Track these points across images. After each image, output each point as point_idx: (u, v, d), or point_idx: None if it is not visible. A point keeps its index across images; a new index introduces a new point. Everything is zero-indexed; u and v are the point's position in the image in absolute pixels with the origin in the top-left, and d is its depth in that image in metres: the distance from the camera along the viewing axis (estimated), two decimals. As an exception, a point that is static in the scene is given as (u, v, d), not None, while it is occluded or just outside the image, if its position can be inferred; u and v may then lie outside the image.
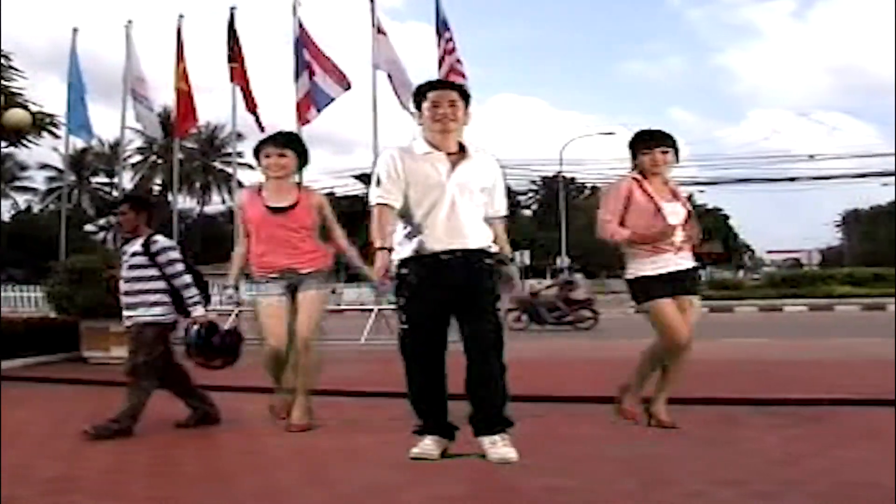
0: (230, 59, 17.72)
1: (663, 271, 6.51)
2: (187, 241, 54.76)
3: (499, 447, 5.50)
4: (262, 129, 17.93)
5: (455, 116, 5.68)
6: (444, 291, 5.54)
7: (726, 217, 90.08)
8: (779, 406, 7.49)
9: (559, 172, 64.36)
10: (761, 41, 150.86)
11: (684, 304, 6.51)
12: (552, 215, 66.43)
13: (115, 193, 59.45)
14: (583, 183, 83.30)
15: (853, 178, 72.79)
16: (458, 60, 16.23)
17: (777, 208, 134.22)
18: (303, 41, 17.22)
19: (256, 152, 7.10)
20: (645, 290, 6.53)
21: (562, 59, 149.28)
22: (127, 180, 69.64)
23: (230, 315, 8.63)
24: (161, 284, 7.07)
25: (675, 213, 6.57)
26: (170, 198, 60.19)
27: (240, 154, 64.69)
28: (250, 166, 66.25)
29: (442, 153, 5.66)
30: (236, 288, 7.17)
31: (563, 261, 56.72)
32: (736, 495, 4.76)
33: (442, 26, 16.40)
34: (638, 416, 6.66)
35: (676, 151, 6.70)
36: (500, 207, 5.88)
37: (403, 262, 5.61)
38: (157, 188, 75.81)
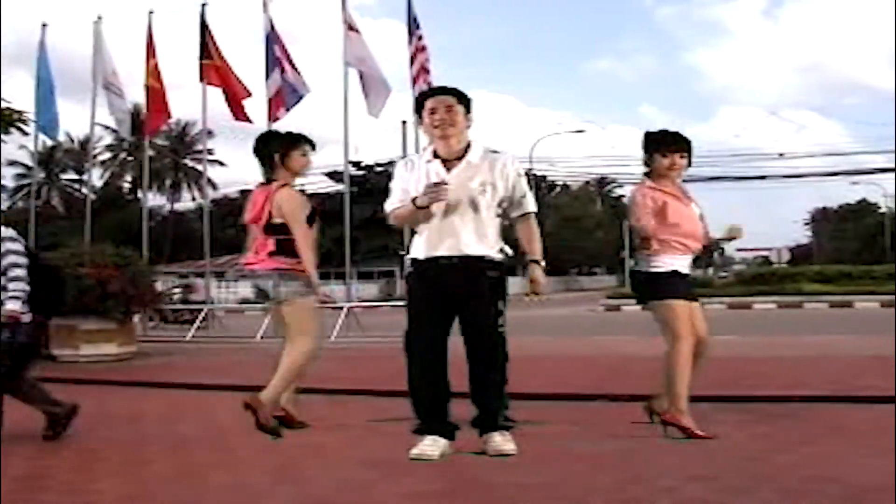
0: (202, 56, 17.67)
1: (676, 270, 6.42)
2: (158, 238, 54.61)
3: (496, 441, 5.56)
4: (249, 121, 17.92)
5: (453, 121, 5.68)
6: (441, 295, 5.57)
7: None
8: (748, 403, 7.54)
9: (530, 170, 64.47)
10: (731, 39, 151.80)
11: (697, 306, 6.53)
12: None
13: (84, 190, 59.12)
14: (553, 181, 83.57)
15: (822, 176, 73.43)
16: (428, 59, 16.25)
17: (747, 206, 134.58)
18: (273, 38, 17.21)
19: (287, 149, 6.82)
20: (663, 286, 6.37)
21: (532, 57, 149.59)
22: (96, 177, 69.37)
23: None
24: None
25: (693, 217, 6.54)
26: (140, 195, 60.02)
27: (210, 151, 65.02)
28: (221, 163, 65.74)
29: (438, 161, 5.70)
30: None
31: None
32: (706, 490, 4.78)
33: (413, 24, 16.40)
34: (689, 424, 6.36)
35: (691, 157, 6.62)
36: (524, 206, 5.78)
37: (410, 264, 5.72)
38: (127, 185, 75.45)
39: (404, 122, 36.62)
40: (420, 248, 5.66)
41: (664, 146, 6.53)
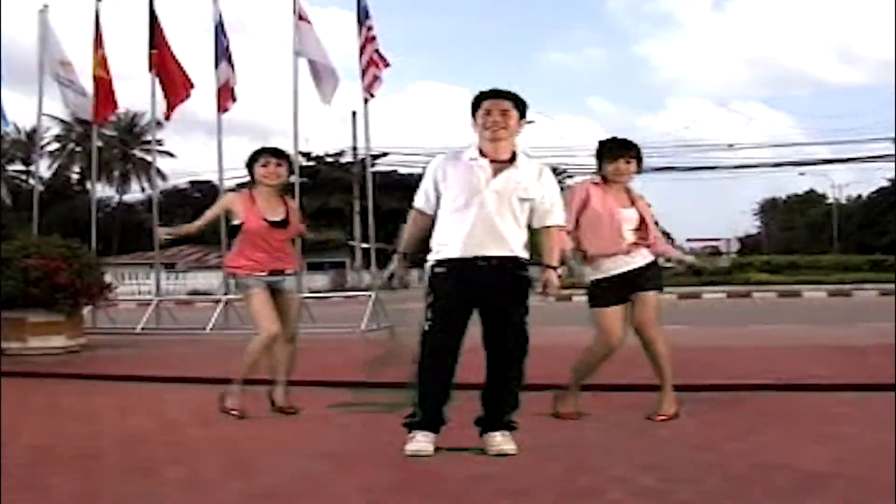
0: (151, 46, 17.52)
1: (614, 273, 6.65)
2: (106, 230, 54.14)
3: (497, 440, 5.56)
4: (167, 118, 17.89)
5: (506, 125, 5.68)
6: (470, 295, 5.57)
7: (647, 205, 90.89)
8: (697, 392, 7.62)
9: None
10: (680, 31, 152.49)
11: (640, 300, 6.63)
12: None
13: (32, 181, 58.47)
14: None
15: (771, 167, 74.03)
16: (377, 51, 16.21)
17: (696, 197, 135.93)
18: (222, 29, 17.12)
19: (253, 160, 7.39)
20: (595, 294, 6.71)
21: (482, 48, 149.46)
22: (44, 168, 68.58)
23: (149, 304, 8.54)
24: None
25: (630, 218, 6.71)
26: (88, 186, 59.38)
27: (159, 142, 64.47)
28: (170, 154, 65.23)
29: (486, 160, 5.67)
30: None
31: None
32: (656, 480, 4.84)
33: (363, 14, 16.35)
34: (573, 416, 6.75)
35: (640, 161, 6.84)
36: (553, 218, 5.82)
37: (439, 263, 5.66)
38: (75, 176, 74.69)
39: (354, 113, 36.59)
40: (454, 247, 5.59)
41: (608, 152, 6.79)
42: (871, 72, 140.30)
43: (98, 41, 17.89)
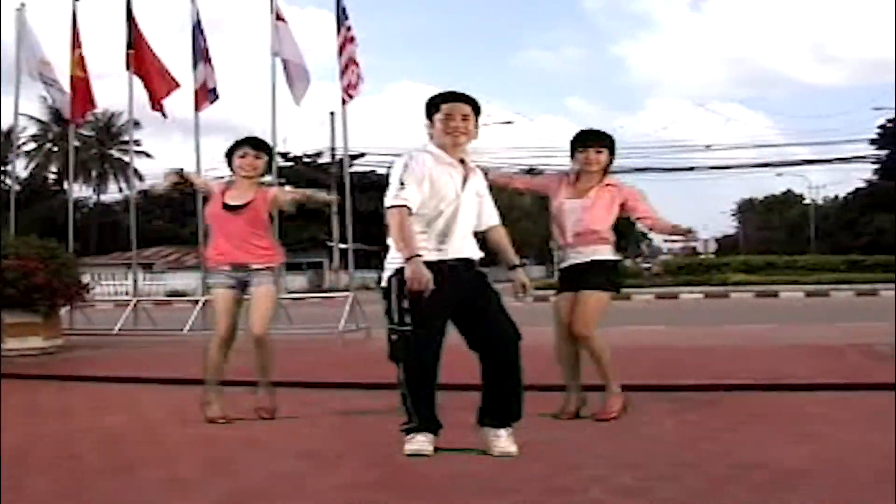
0: (129, 46, 17.45)
1: (564, 265, 6.86)
2: (84, 230, 53.90)
3: (502, 440, 5.52)
4: (164, 115, 17.78)
5: (467, 130, 5.69)
6: (453, 298, 5.56)
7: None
8: (675, 392, 7.66)
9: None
10: (659, 32, 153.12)
11: (579, 298, 6.67)
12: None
13: (9, 182, 58.11)
14: (483, 171, 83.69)
15: (748, 167, 74.37)
16: (355, 51, 16.19)
17: (675, 197, 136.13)
18: (200, 29, 17.07)
19: (231, 151, 7.23)
20: (558, 281, 6.92)
21: (460, 48, 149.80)
22: (21, 168, 68.20)
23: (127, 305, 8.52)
24: None
25: (573, 208, 6.76)
26: (65, 186, 59.13)
27: (137, 142, 64.25)
28: (147, 154, 64.91)
29: (459, 164, 5.72)
30: None
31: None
32: (636, 478, 4.86)
33: (342, 14, 16.33)
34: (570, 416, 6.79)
35: (612, 151, 6.88)
36: (496, 217, 6.03)
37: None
38: (52, 176, 74.32)
39: (332, 114, 36.53)
40: (433, 249, 5.56)
41: (578, 143, 6.86)
42: (848, 72, 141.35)
43: (75, 40, 17.79)
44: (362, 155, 58.87)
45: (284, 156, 61.45)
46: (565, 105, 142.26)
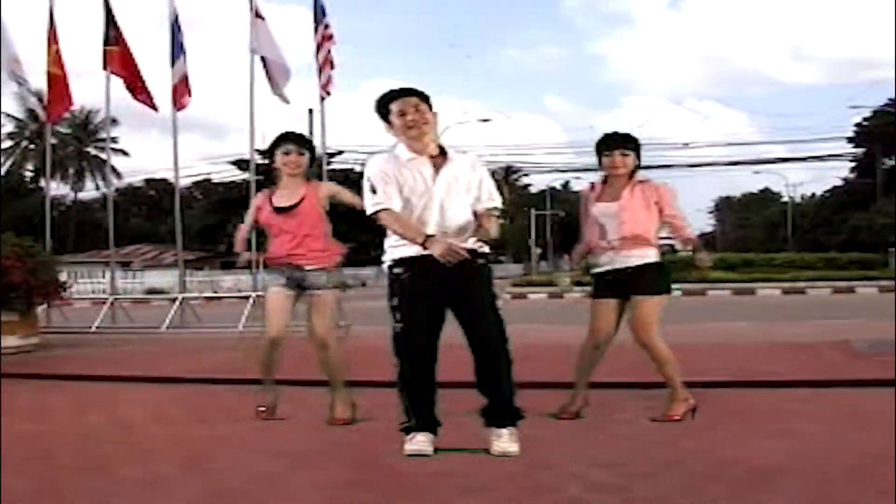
0: (106, 43, 17.36)
1: (604, 269, 6.70)
2: (61, 228, 53.63)
3: (503, 440, 5.50)
4: (155, 109, 17.70)
5: (425, 119, 5.69)
6: (440, 291, 5.54)
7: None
8: (654, 389, 7.65)
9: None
10: (636, 30, 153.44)
11: (631, 303, 6.63)
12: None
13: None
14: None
15: (726, 165, 74.71)
16: (329, 52, 16.19)
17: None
18: (178, 24, 17.02)
19: (274, 147, 7.09)
20: (593, 286, 6.80)
21: (438, 46, 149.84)
22: (-3, 166, 67.86)
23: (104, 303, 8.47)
24: None
25: (607, 213, 6.68)
26: (42, 184, 58.83)
27: (114, 139, 64.10)
28: (125, 152, 64.56)
29: (425, 157, 5.69)
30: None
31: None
32: (613, 476, 4.87)
33: (320, 12, 16.31)
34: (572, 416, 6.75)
35: (638, 153, 6.83)
36: (492, 199, 5.80)
37: (397, 262, 5.64)
38: (29, 174, 73.94)
39: (311, 111, 36.45)
40: (412, 245, 5.55)
41: (603, 147, 6.80)
42: (825, 71, 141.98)
43: (52, 37, 17.68)
44: (340, 153, 58.81)
45: (263, 153, 61.28)
46: (543, 103, 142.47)
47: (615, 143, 6.78)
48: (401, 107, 5.70)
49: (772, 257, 46.66)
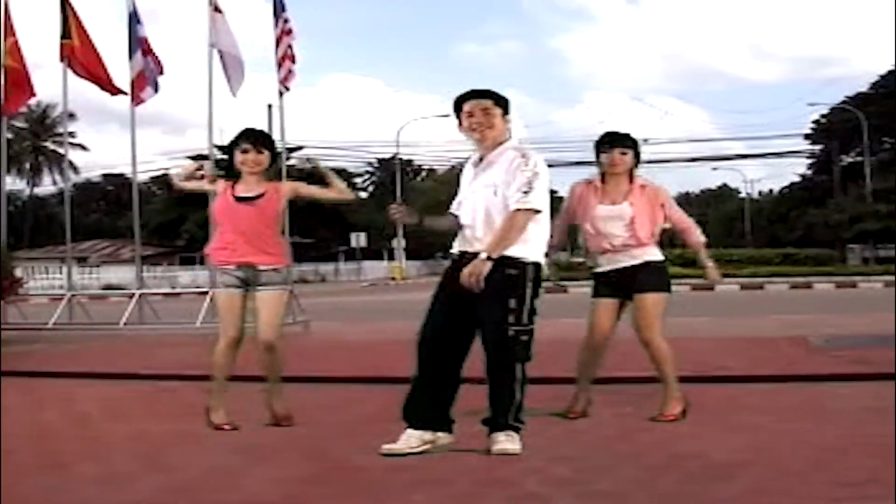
0: (63, 35, 17.19)
1: (605, 269, 6.71)
2: (17, 223, 53.13)
3: (501, 441, 5.39)
4: (124, 93, 17.48)
5: (490, 123, 5.64)
6: (453, 290, 5.49)
7: (561, 199, 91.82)
8: (613, 384, 7.69)
9: (396, 154, 64.79)
10: (596, 25, 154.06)
11: (634, 302, 6.62)
12: (389, 197, 66.94)
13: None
14: (419, 165, 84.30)
15: (685, 161, 75.16)
16: (290, 46, 16.15)
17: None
18: (136, 18, 16.88)
19: (233, 145, 6.83)
20: (594, 286, 6.81)
21: (396, 40, 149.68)
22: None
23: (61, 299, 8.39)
24: None
25: (612, 215, 6.66)
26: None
27: (72, 134, 63.55)
28: (83, 147, 64.01)
29: (473, 160, 5.78)
30: None
31: (400, 242, 57.15)
32: (572, 470, 4.88)
33: (279, 6, 16.26)
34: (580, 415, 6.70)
35: (637, 152, 6.86)
36: (519, 202, 5.46)
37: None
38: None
39: (270, 106, 36.30)
40: (455, 243, 5.74)
41: (601, 146, 6.80)
42: (784, 68, 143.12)
43: (8, 29, 17.47)
44: (300, 148, 58.63)
45: (222, 148, 61.02)
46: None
47: (614, 141, 6.79)
48: (470, 108, 5.70)
49: (730, 253, 46.97)
